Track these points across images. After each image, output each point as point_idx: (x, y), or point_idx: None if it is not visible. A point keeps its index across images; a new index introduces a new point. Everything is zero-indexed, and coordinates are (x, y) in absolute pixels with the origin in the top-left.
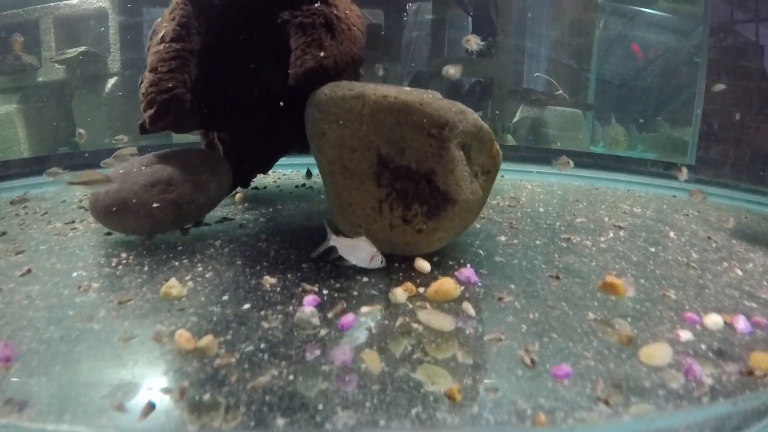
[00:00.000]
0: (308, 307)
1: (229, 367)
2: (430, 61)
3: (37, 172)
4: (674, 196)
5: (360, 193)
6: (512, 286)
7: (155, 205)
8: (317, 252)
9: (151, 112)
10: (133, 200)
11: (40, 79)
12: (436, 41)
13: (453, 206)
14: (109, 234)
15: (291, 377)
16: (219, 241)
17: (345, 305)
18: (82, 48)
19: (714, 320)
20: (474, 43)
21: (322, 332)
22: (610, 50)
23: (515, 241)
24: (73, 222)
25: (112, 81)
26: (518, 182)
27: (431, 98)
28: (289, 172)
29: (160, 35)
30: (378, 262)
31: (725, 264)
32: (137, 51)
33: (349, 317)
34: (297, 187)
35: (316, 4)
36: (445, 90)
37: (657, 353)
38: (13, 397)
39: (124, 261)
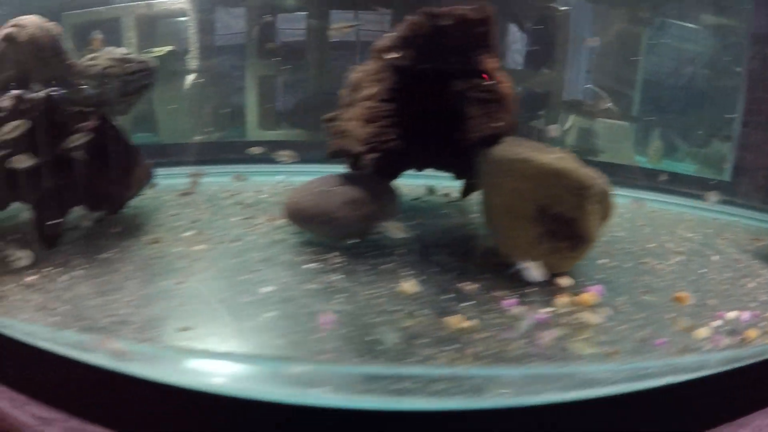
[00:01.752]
0: (517, 307)
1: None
2: None
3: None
4: (715, 219)
5: (523, 230)
6: (619, 299)
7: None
8: (514, 270)
9: (374, 156)
10: (335, 213)
11: None
12: None
13: (586, 244)
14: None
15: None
16: (399, 249)
17: (534, 306)
18: (168, 48)
19: (731, 315)
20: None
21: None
22: (655, 60)
23: (612, 263)
24: (251, 218)
25: (190, 77)
26: None
27: (577, 165)
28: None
29: (367, 92)
30: (543, 276)
31: (745, 280)
32: (212, 50)
33: (542, 315)
34: (413, 199)
35: (488, 83)
36: None
37: (701, 332)
38: None
39: (341, 261)
